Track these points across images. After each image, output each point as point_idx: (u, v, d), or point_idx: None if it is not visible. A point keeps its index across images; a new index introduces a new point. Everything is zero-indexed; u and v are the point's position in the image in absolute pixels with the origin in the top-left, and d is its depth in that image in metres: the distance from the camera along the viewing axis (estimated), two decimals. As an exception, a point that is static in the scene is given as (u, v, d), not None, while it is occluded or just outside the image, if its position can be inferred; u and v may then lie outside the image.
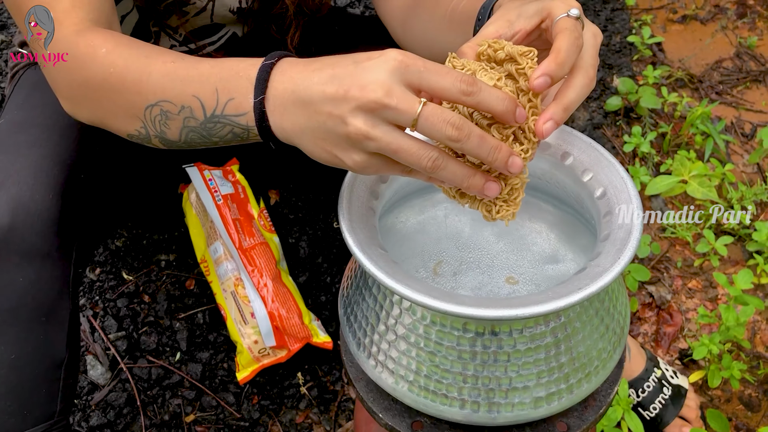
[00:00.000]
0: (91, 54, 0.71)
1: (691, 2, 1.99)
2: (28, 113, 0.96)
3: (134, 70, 0.68)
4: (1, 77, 1.50)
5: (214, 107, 0.63)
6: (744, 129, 1.67)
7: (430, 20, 0.91)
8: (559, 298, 0.53)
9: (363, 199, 0.64)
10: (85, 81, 0.72)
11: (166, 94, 0.66)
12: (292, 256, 1.31)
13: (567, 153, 0.67)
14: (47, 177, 0.85)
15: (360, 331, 0.65)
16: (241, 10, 1.04)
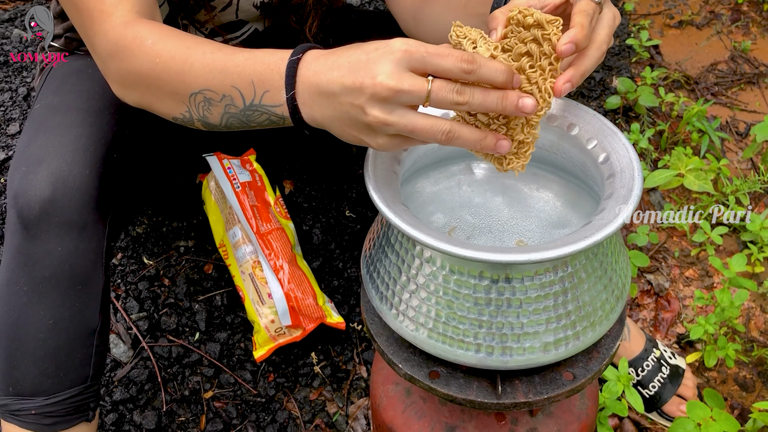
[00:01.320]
0: (138, 45, 0.77)
1: (687, 8, 2.07)
2: (64, 98, 1.02)
3: (178, 60, 0.74)
4: (26, 72, 1.57)
5: (252, 98, 0.70)
6: (738, 128, 1.73)
7: (444, 10, 0.97)
8: (567, 245, 0.58)
9: (387, 164, 0.70)
10: (134, 70, 0.78)
11: (208, 83, 0.73)
12: (306, 243, 1.37)
13: (572, 124, 0.73)
14: (85, 154, 0.91)
15: (383, 285, 0.71)
16: (264, 4, 1.10)
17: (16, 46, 1.62)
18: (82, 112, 0.98)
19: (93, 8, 0.82)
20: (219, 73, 0.72)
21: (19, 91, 1.50)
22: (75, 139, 0.93)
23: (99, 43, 0.82)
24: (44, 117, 0.98)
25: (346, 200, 1.42)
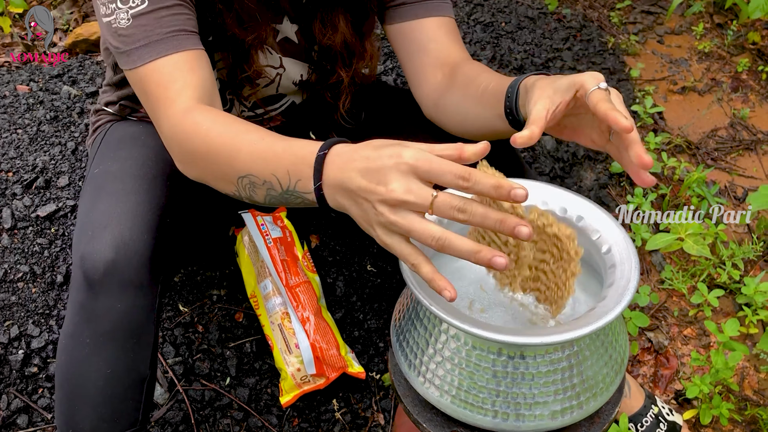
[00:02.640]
0: (195, 130, 0.90)
1: (690, 75, 2.19)
2: (121, 164, 1.14)
3: (228, 147, 0.87)
4: (74, 127, 1.69)
5: (288, 184, 0.82)
6: (736, 192, 1.84)
7: (462, 99, 1.09)
8: (574, 330, 0.69)
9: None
10: (192, 151, 0.91)
11: (252, 169, 0.85)
12: (330, 295, 1.47)
13: (580, 216, 0.84)
14: (143, 220, 1.02)
15: (411, 354, 0.81)
16: (302, 82, 1.22)
17: (65, 102, 1.75)
18: (139, 179, 1.09)
19: (160, 95, 0.95)
20: (261, 162, 0.84)
21: (68, 146, 1.62)
22: (134, 206, 1.04)
23: (163, 125, 0.96)
24: (104, 183, 1.10)
25: (368, 255, 1.53)
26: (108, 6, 0.95)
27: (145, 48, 0.94)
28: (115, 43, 0.97)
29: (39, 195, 1.51)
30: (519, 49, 2.11)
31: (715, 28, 2.34)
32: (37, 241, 1.44)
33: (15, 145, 1.61)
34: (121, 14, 0.94)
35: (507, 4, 2.33)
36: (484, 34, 2.13)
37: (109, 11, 0.95)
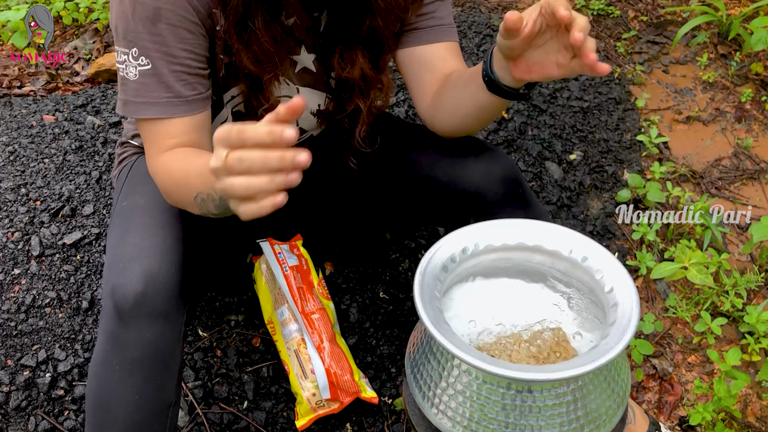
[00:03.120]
0: (162, 170, 1.05)
1: (694, 104, 2.24)
2: (147, 199, 1.20)
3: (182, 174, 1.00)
4: (98, 157, 1.76)
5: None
6: (740, 222, 1.88)
7: (451, 92, 1.18)
8: (578, 367, 0.74)
9: (431, 285, 0.86)
10: (162, 185, 1.07)
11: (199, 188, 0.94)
12: (344, 321, 1.53)
13: (585, 257, 0.89)
14: (169, 253, 1.08)
15: (425, 386, 0.86)
16: (320, 111, 1.28)
17: (90, 132, 1.82)
18: (165, 213, 1.16)
19: (150, 146, 1.08)
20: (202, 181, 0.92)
21: (93, 175, 1.69)
22: (161, 240, 1.10)
23: (149, 168, 1.09)
24: (132, 216, 1.16)
25: (381, 282, 1.58)
26: (121, 56, 1.03)
27: (143, 106, 1.04)
28: (119, 88, 1.06)
29: (65, 223, 1.58)
30: (527, 79, 2.17)
31: (719, 58, 2.40)
32: (63, 268, 1.50)
33: (42, 174, 1.68)
34: (130, 68, 1.02)
35: (515, 35, 2.39)
36: (493, 65, 2.19)
37: (121, 59, 1.03)
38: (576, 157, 1.97)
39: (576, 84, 2.22)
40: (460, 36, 2.34)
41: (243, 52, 1.08)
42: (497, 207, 1.19)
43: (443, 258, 0.90)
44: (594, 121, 2.11)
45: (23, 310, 1.43)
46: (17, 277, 1.47)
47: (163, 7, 0.98)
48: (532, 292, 0.95)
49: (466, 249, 0.92)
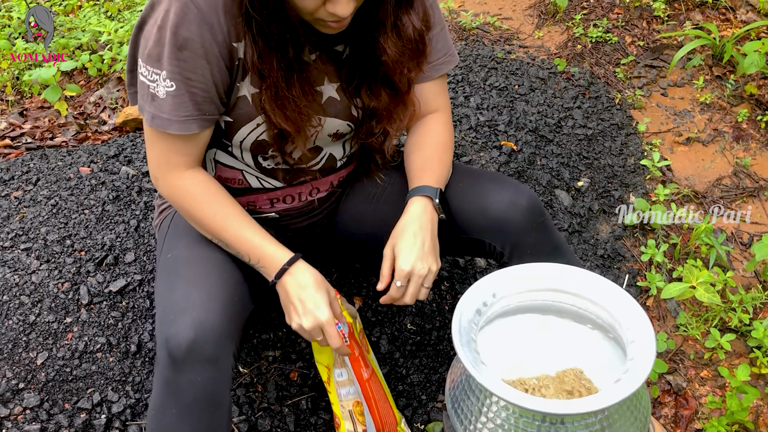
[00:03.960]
0: (186, 199, 1.24)
1: (693, 126, 2.35)
2: (191, 251, 1.30)
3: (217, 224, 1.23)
4: (134, 206, 1.87)
5: (255, 264, 1.24)
6: (743, 239, 1.98)
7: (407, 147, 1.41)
8: (604, 400, 0.84)
9: (467, 329, 0.96)
10: (182, 211, 1.26)
11: (231, 245, 1.24)
12: (375, 352, 1.62)
13: (604, 296, 0.99)
14: (216, 302, 1.18)
15: (466, 420, 0.96)
16: (337, 133, 1.36)
17: (125, 182, 1.93)
18: (209, 263, 1.26)
19: (161, 158, 1.22)
20: (240, 245, 1.23)
21: (131, 224, 1.80)
22: (208, 290, 1.20)
23: (161, 184, 1.25)
24: (177, 268, 1.26)
25: (408, 314, 1.68)
26: (152, 75, 1.15)
27: (164, 121, 1.16)
28: (146, 104, 1.17)
29: (109, 271, 1.68)
30: (533, 110, 2.28)
31: (715, 79, 2.51)
32: (111, 315, 1.60)
33: (84, 225, 1.78)
34: (160, 87, 1.15)
35: (519, 66, 2.51)
36: (500, 99, 2.30)
37: (152, 78, 1.15)
38: (583, 184, 2.07)
39: (579, 112, 2.32)
40: (466, 70, 2.46)
41: (278, 114, 1.19)
42: (521, 235, 1.28)
43: (476, 304, 1.00)
44: (599, 148, 2.21)
45: (77, 356, 1.53)
46: (69, 325, 1.58)
47: (191, 38, 1.10)
48: (558, 329, 1.05)
49: (495, 294, 1.02)
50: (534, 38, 2.74)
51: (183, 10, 1.09)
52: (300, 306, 1.20)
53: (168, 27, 1.10)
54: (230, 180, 1.39)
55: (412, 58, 1.24)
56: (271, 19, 1.10)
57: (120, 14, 2.85)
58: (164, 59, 1.12)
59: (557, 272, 1.04)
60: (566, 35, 2.74)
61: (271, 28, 1.11)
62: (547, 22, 2.81)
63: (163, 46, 1.11)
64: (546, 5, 2.87)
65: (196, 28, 1.10)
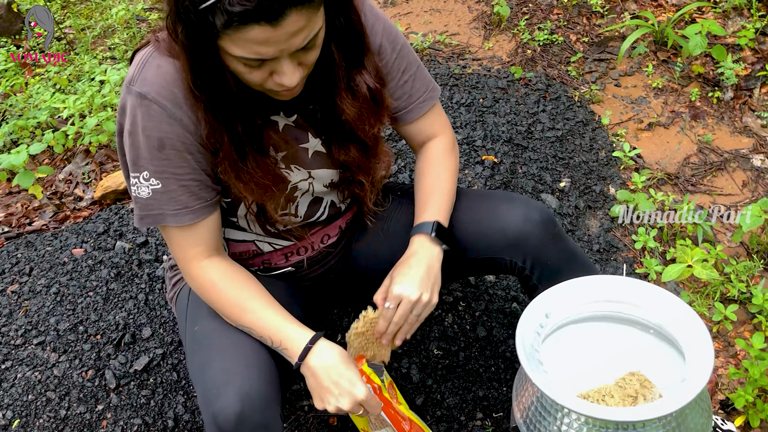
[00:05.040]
0: (210, 288, 1.25)
1: (651, 111, 2.47)
2: (218, 321, 1.30)
3: (237, 309, 1.24)
4: (138, 279, 1.85)
5: (277, 346, 1.22)
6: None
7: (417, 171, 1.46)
8: (678, 402, 0.89)
9: (531, 354, 1.01)
10: (207, 299, 1.27)
11: (253, 328, 1.23)
12: (408, 382, 1.66)
13: (662, 307, 1.05)
14: (256, 368, 1.20)
15: (535, 429, 1.00)
16: (333, 183, 1.40)
17: (123, 257, 1.91)
18: (239, 335, 1.26)
19: (179, 254, 1.25)
20: (260, 328, 1.22)
21: (139, 298, 1.78)
22: (245, 358, 1.21)
23: (185, 276, 1.27)
24: (209, 341, 1.26)
25: (431, 340, 1.72)
26: (132, 179, 1.18)
27: (159, 217, 1.19)
28: (135, 207, 1.20)
29: (130, 351, 1.67)
30: (502, 121, 2.35)
31: (662, 64, 2.64)
32: (141, 394, 1.59)
33: (93, 308, 1.76)
34: (143, 187, 1.17)
35: (478, 80, 2.58)
36: (469, 115, 2.37)
37: (133, 182, 1.18)
38: (565, 184, 2.15)
39: (545, 115, 2.41)
40: (430, 91, 2.52)
41: (239, 186, 1.20)
42: (540, 248, 1.33)
43: (534, 326, 1.05)
44: (570, 147, 2.30)
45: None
46: (102, 412, 1.55)
47: (166, 137, 1.13)
48: (609, 336, 1.11)
49: (548, 314, 1.07)
50: (485, 50, 2.83)
51: (148, 112, 1.12)
52: (334, 388, 1.19)
53: (140, 132, 1.13)
54: (245, 252, 1.41)
55: (370, 114, 1.27)
56: (216, 96, 1.11)
57: (71, 85, 2.81)
58: (142, 160, 1.14)
59: (603, 283, 1.10)
60: (514, 42, 2.83)
61: (218, 105, 1.12)
62: (493, 32, 2.91)
63: (138, 148, 1.14)
64: (489, 16, 2.97)
65: (167, 126, 1.12)
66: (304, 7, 0.97)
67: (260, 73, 1.05)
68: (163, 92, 1.11)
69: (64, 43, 3.22)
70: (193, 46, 1.04)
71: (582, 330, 1.12)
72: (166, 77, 1.12)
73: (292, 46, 1.01)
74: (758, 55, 2.53)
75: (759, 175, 2.19)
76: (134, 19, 3.26)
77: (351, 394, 1.18)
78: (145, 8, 3.41)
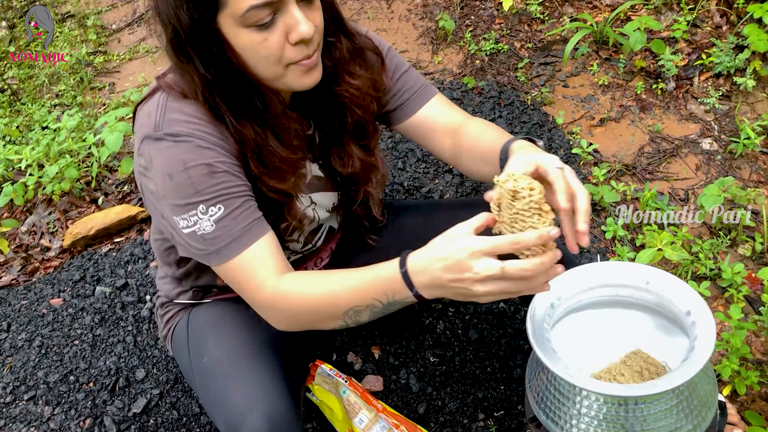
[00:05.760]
0: (292, 299, 1.14)
1: (601, 107, 2.57)
2: (225, 346, 1.31)
3: (328, 297, 1.11)
4: (123, 322, 1.83)
5: (388, 299, 1.07)
6: (680, 195, 2.20)
7: (471, 161, 1.36)
8: (685, 374, 0.95)
9: (544, 344, 1.05)
10: (296, 313, 1.15)
11: (354, 302, 1.09)
12: (408, 393, 1.68)
13: (664, 287, 1.11)
14: (275, 389, 1.21)
15: (555, 416, 1.04)
16: (335, 206, 1.43)
17: (104, 302, 1.88)
18: (250, 355, 1.27)
19: (250, 284, 1.16)
20: (360, 295, 1.09)
21: (128, 340, 1.76)
22: (262, 381, 1.22)
23: (260, 302, 1.17)
24: (221, 370, 1.26)
25: (426, 348, 1.75)
26: (189, 219, 1.13)
27: (232, 244, 1.14)
28: (201, 246, 1.15)
29: (125, 394, 1.64)
30: (463, 129, 2.42)
31: (605, 62, 2.76)
32: (144, 437, 1.57)
33: (81, 356, 1.73)
34: (205, 222, 1.13)
35: (434, 92, 2.65)
36: (431, 126, 2.43)
37: (191, 223, 1.13)
38: (532, 184, 2.22)
39: (502, 121, 2.49)
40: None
41: (267, 176, 1.20)
42: None
43: (541, 314, 1.09)
44: (531, 148, 2.38)
45: (123, 489, 1.49)
46: (105, 460, 1.53)
47: (213, 161, 1.12)
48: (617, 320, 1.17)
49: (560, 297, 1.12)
50: (435, 63, 2.90)
51: (186, 147, 1.11)
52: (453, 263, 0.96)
53: (182, 169, 1.10)
54: None
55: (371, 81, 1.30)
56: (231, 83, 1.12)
57: (23, 135, 2.76)
58: (195, 195, 1.11)
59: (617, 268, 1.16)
60: (462, 54, 2.92)
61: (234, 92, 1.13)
62: (441, 46, 2.99)
63: (186, 186, 1.11)
64: (435, 31, 3.05)
65: (210, 152, 1.12)
66: None
67: (276, 36, 1.07)
68: (194, 126, 1.12)
69: (8, 93, 3.15)
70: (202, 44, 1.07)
71: (584, 317, 1.18)
72: (190, 114, 1.13)
73: None
74: (692, 46, 2.67)
75: (710, 157, 2.31)
76: (80, 63, 3.22)
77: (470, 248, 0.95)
78: (89, 52, 3.37)
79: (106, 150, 2.30)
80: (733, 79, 2.47)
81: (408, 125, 1.41)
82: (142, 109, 1.17)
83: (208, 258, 1.16)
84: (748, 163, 2.25)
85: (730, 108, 2.43)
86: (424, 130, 1.40)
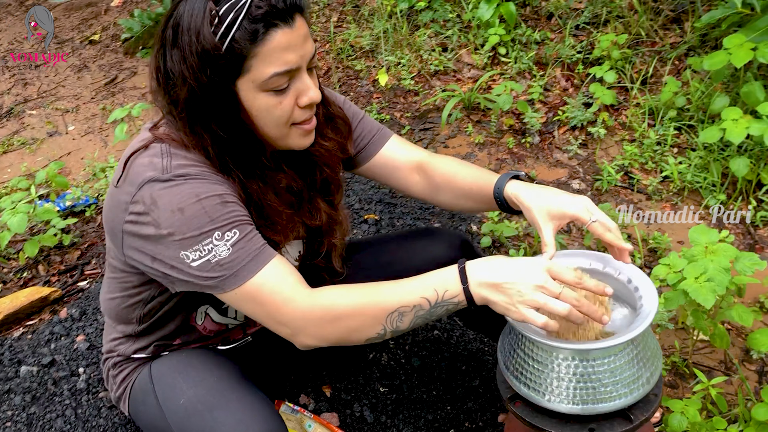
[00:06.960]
0: (331, 305, 1.16)
1: (480, 162, 2.87)
2: (200, 384, 1.32)
3: (373, 303, 1.15)
4: (58, 397, 1.74)
5: (437, 299, 1.13)
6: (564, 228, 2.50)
7: (453, 198, 1.49)
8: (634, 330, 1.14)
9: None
10: (335, 319, 1.15)
11: (402, 302, 1.13)
12: (364, 425, 1.74)
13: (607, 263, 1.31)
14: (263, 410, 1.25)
15: (530, 381, 1.19)
16: (302, 256, 1.52)
17: (33, 380, 1.78)
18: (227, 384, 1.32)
19: (277, 299, 1.16)
20: (409, 293, 1.14)
21: (67, 414, 1.67)
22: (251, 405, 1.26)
23: (291, 315, 1.16)
24: (207, 403, 1.27)
25: (374, 380, 1.83)
26: (202, 249, 1.14)
27: (250, 263, 1.15)
28: (215, 275, 1.15)
29: (77, 466, 1.56)
30: (367, 187, 2.60)
31: (477, 123, 3.09)
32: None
33: (18, 436, 1.63)
34: (221, 248, 1.14)
35: (331, 158, 2.83)
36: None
37: (204, 252, 1.14)
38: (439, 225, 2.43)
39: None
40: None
41: (264, 228, 1.26)
42: None
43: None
44: (429, 199, 2.60)
45: None
46: None
47: (224, 192, 1.18)
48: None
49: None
50: (325, 134, 3.09)
51: (196, 182, 1.16)
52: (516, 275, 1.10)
53: (193, 201, 1.14)
54: (212, 332, 1.45)
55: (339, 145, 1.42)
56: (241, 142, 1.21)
57: None
58: (208, 224, 1.14)
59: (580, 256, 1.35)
60: (348, 124, 3.14)
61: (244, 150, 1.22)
62: (327, 118, 3.19)
63: (199, 216, 1.13)
64: (320, 106, 3.26)
65: (219, 186, 1.19)
66: (304, 14, 1.15)
67: (288, 99, 1.17)
68: (201, 169, 1.19)
69: None
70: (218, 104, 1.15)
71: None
72: (196, 160, 1.20)
73: (307, 51, 1.17)
74: (548, 105, 3.08)
75: (581, 194, 2.65)
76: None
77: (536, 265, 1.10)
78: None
79: (7, 234, 2.21)
80: (587, 130, 2.88)
81: (372, 166, 1.52)
82: (136, 159, 1.20)
83: (224, 284, 1.15)
84: (612, 196, 2.61)
85: (589, 153, 2.82)
86: (389, 169, 1.52)
